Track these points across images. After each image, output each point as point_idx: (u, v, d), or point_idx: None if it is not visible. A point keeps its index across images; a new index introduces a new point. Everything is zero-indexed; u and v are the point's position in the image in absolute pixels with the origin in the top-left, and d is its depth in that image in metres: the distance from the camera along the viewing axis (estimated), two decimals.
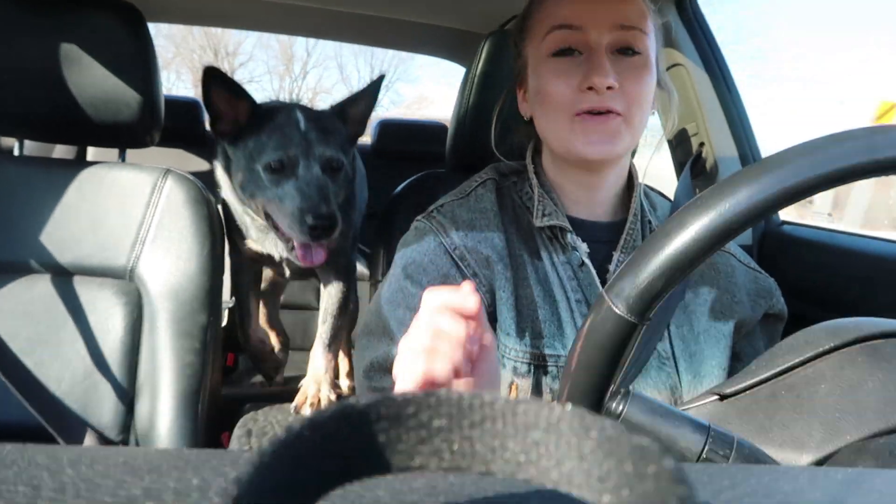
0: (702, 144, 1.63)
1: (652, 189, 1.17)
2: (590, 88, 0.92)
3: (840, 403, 0.56)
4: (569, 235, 0.98)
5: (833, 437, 0.54)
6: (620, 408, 0.56)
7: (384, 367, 0.96)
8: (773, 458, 0.55)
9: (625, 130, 0.94)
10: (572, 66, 0.94)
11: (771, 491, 0.32)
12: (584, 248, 0.98)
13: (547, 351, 0.94)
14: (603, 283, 0.97)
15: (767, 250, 1.60)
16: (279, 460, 0.23)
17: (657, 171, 1.22)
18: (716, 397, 0.63)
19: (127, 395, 1.15)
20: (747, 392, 0.62)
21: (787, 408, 0.58)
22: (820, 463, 0.54)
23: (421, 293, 0.93)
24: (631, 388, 0.58)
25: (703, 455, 0.53)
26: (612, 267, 0.99)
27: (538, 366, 0.94)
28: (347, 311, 1.54)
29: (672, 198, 1.19)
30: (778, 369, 0.61)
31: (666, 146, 1.71)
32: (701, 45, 1.62)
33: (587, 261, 0.97)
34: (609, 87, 0.91)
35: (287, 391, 1.54)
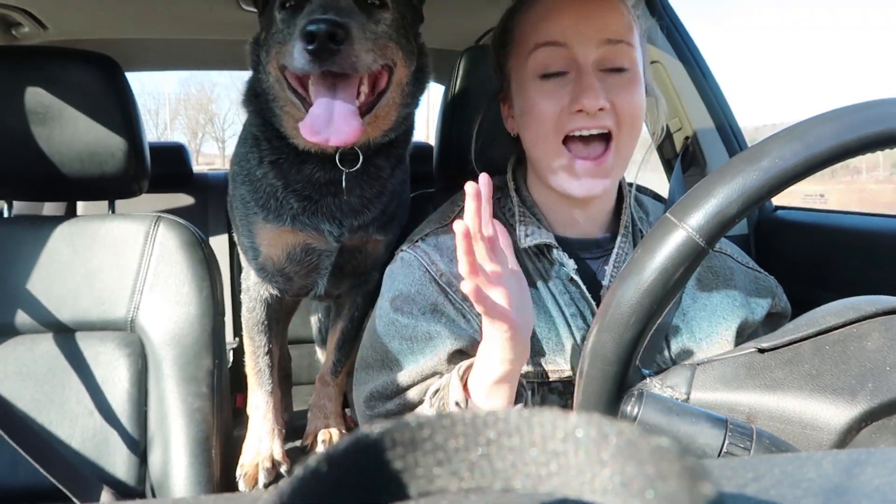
0: (687, 139, 1.63)
1: (644, 191, 1.16)
2: (579, 111, 0.90)
3: (889, 358, 0.55)
4: (554, 252, 0.97)
5: (885, 387, 0.53)
6: (636, 410, 0.56)
7: (384, 395, 0.96)
8: (825, 404, 0.54)
9: (615, 165, 0.94)
10: (560, 87, 0.93)
11: (796, 479, 0.32)
12: (571, 264, 0.97)
13: (549, 367, 0.93)
14: (595, 297, 0.96)
15: (763, 237, 1.60)
16: (299, 498, 0.22)
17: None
18: (753, 349, 0.61)
19: (139, 446, 1.14)
20: (789, 346, 0.60)
21: (834, 359, 0.57)
22: (874, 412, 0.53)
23: (412, 323, 0.94)
24: (644, 389, 0.58)
25: (724, 450, 0.53)
26: (605, 282, 0.98)
27: (542, 383, 0.93)
28: (360, 335, 1.39)
29: (664, 196, 1.19)
30: (821, 327, 0.60)
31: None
32: (674, 39, 1.63)
33: (576, 276, 0.96)
34: (601, 109, 0.90)
35: (297, 427, 1.53)
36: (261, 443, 1.34)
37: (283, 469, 1.32)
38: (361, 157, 1.14)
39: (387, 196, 1.25)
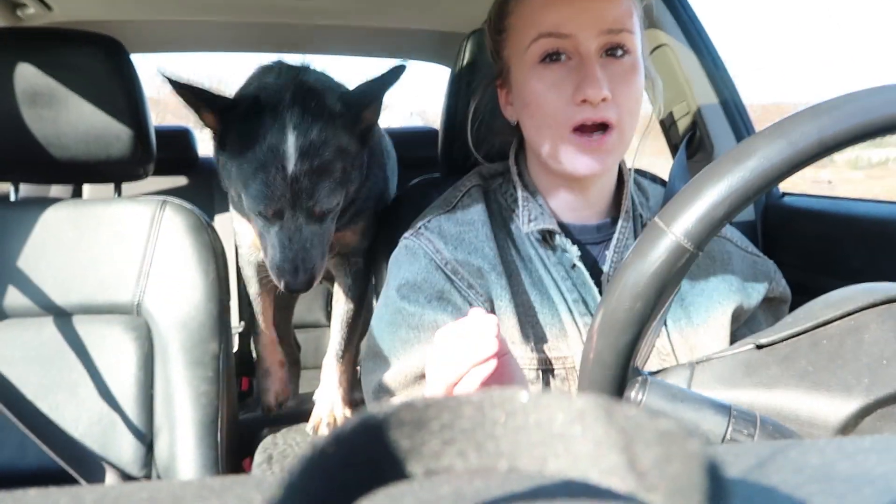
0: (694, 123, 1.62)
1: (643, 174, 1.15)
2: (583, 101, 0.89)
3: (886, 351, 0.55)
4: (557, 237, 0.97)
5: (881, 382, 0.53)
6: (640, 396, 0.56)
7: (391, 388, 0.96)
8: (821, 402, 0.54)
9: (617, 143, 0.93)
10: (562, 75, 0.92)
11: (800, 466, 0.32)
12: (574, 250, 0.96)
13: (552, 354, 0.93)
14: (596, 282, 0.96)
15: (771, 224, 1.59)
16: (307, 478, 0.23)
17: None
18: (752, 346, 0.61)
19: (145, 430, 1.15)
20: (786, 341, 0.60)
21: (830, 354, 0.57)
22: (870, 408, 0.53)
23: (419, 311, 0.94)
24: (648, 375, 0.58)
25: (727, 436, 0.53)
26: (605, 267, 0.97)
27: (546, 370, 0.93)
28: (361, 318, 1.47)
29: (665, 179, 1.18)
30: (818, 321, 0.59)
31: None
32: (683, 22, 1.62)
33: (578, 263, 0.96)
34: (603, 99, 0.89)
35: (303, 411, 1.54)
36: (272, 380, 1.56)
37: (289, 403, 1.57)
38: None
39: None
